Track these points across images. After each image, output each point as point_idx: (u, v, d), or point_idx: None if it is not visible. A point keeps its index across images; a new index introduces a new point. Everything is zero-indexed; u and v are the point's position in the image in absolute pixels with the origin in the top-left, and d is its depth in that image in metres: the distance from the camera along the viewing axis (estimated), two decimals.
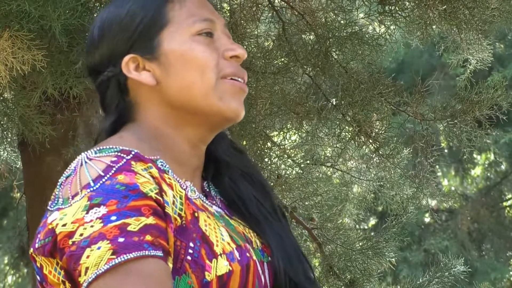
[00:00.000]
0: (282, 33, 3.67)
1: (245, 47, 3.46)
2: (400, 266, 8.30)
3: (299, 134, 3.92)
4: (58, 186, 1.21)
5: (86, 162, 1.19)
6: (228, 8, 3.68)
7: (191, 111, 1.29)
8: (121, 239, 1.10)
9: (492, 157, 9.78)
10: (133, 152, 1.19)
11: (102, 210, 1.12)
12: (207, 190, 1.35)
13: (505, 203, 9.96)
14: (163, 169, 1.24)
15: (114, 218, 1.11)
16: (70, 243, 1.12)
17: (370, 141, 3.71)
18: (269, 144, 3.87)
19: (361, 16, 3.83)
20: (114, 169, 1.16)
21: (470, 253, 9.00)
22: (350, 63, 3.64)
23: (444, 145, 7.98)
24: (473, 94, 3.52)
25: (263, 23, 3.93)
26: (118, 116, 1.31)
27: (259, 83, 3.51)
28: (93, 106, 3.72)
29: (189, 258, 1.18)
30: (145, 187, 1.15)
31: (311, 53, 3.60)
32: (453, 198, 5.81)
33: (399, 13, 3.54)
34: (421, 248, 9.06)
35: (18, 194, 6.29)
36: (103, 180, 1.15)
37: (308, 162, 4.01)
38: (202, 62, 1.28)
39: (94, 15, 2.95)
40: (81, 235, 1.11)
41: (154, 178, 1.18)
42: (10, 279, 8.23)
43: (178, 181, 1.25)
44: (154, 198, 1.15)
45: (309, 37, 3.79)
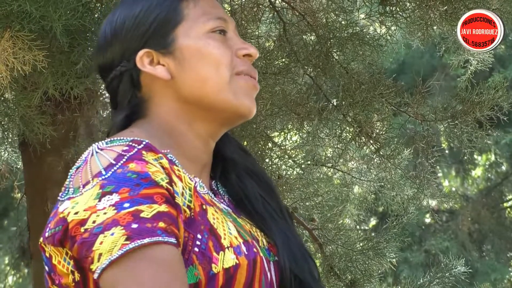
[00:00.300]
0: (283, 33, 3.67)
1: None
2: (400, 266, 8.30)
3: (300, 134, 3.92)
4: (68, 177, 1.21)
5: (97, 152, 1.19)
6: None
7: (205, 106, 1.30)
8: (134, 225, 1.10)
9: (492, 158, 9.78)
10: (144, 142, 1.20)
11: (115, 198, 1.12)
12: (215, 188, 1.36)
13: (505, 204, 9.96)
14: (173, 161, 1.24)
15: (127, 205, 1.11)
16: (83, 231, 1.12)
17: (371, 141, 3.70)
18: (270, 144, 3.88)
19: (362, 16, 3.83)
20: (126, 157, 1.17)
21: (470, 253, 8.99)
22: (351, 64, 3.64)
23: (444, 145, 7.97)
24: (474, 95, 3.51)
25: (264, 24, 3.93)
26: (130, 112, 1.31)
27: (260, 84, 3.49)
28: (94, 106, 3.72)
29: (196, 249, 1.18)
30: (156, 176, 1.16)
31: (312, 53, 3.60)
32: (453, 198, 5.82)
33: (400, 13, 3.54)
34: (421, 248, 9.05)
35: (18, 195, 6.29)
36: (115, 168, 1.16)
37: (309, 162, 4.01)
38: (217, 58, 1.30)
39: (95, 16, 2.95)
40: (93, 222, 1.11)
41: (164, 169, 1.18)
42: (10, 280, 8.23)
43: (187, 175, 1.26)
44: (165, 187, 1.16)
45: (310, 37, 3.79)
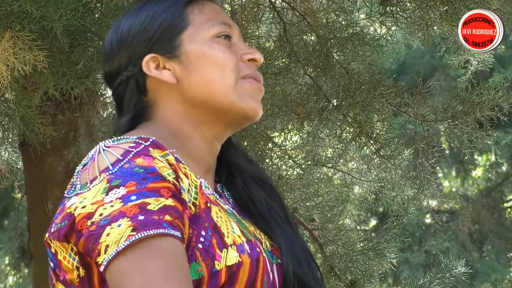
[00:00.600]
0: (283, 34, 3.67)
1: None
2: (401, 267, 8.29)
3: (300, 135, 3.92)
4: (75, 174, 1.22)
5: (104, 149, 1.21)
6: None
7: (211, 109, 1.31)
8: (141, 217, 1.11)
9: (493, 158, 9.78)
10: (151, 139, 1.21)
11: (122, 191, 1.13)
12: (220, 191, 1.37)
13: (506, 204, 9.96)
14: (179, 160, 1.25)
15: (134, 198, 1.12)
16: (89, 224, 1.13)
17: (371, 142, 3.70)
18: (270, 145, 3.87)
19: (362, 17, 3.83)
20: (133, 153, 1.18)
21: (471, 254, 9.00)
22: (351, 64, 3.64)
23: (445, 146, 7.97)
24: (474, 95, 3.51)
25: (264, 24, 3.93)
26: (135, 114, 1.33)
27: None
28: (94, 106, 3.72)
29: (200, 246, 1.18)
30: (163, 171, 1.17)
31: (312, 54, 3.60)
32: (454, 199, 5.81)
33: (400, 14, 3.54)
34: (422, 249, 9.05)
35: (19, 195, 6.30)
36: (122, 163, 1.17)
37: (309, 163, 4.01)
38: (222, 61, 1.32)
39: (96, 16, 2.95)
40: (100, 215, 1.13)
41: (171, 165, 1.20)
42: (11, 280, 8.24)
43: (193, 174, 1.27)
44: (172, 182, 1.17)
45: (310, 38, 3.79)
